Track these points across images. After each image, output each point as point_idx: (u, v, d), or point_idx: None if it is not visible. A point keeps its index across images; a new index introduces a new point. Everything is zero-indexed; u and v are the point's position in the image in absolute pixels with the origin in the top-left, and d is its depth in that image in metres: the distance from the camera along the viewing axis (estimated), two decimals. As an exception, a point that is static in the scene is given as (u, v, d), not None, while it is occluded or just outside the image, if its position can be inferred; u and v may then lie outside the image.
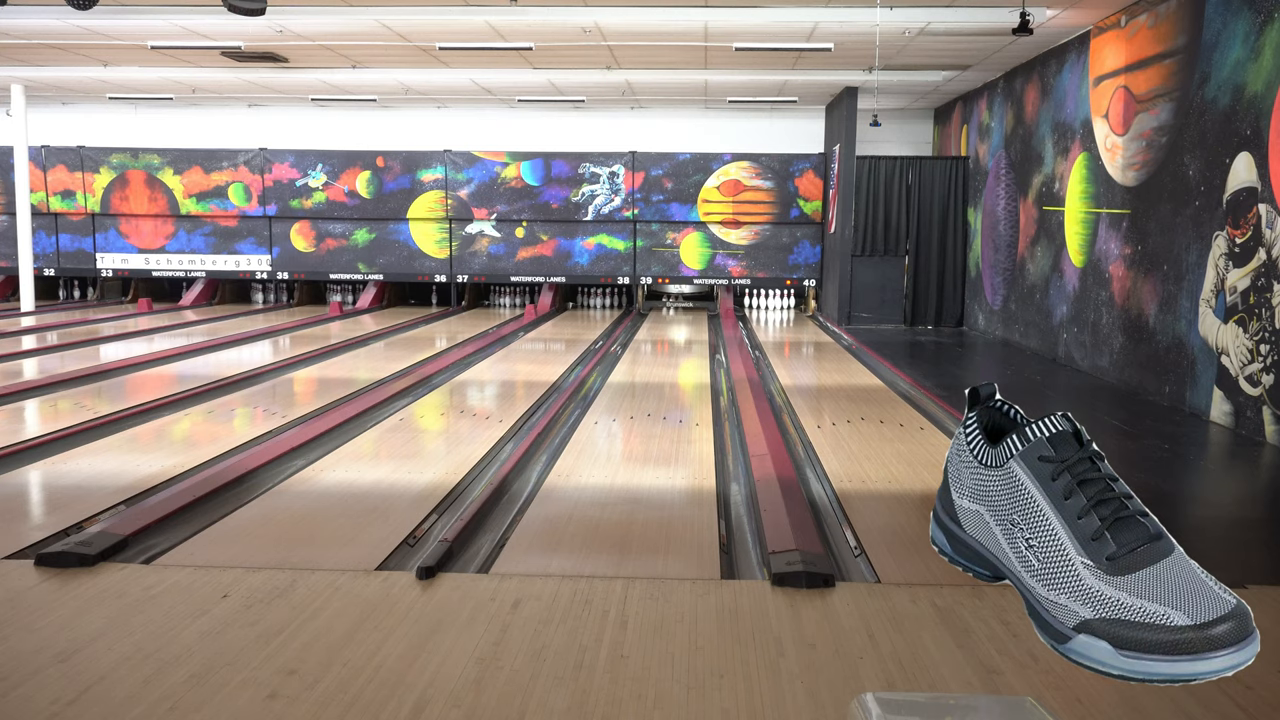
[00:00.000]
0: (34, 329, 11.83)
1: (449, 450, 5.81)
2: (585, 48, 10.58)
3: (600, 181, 14.92)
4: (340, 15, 9.20)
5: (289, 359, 9.59)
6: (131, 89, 13.85)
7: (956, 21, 9.01)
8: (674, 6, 8.84)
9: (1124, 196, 8.40)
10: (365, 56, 11.38)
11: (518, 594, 3.45)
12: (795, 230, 14.93)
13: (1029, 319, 10.77)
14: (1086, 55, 9.27)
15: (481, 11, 8.98)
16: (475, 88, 13.28)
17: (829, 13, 8.90)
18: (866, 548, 4.01)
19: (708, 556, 3.93)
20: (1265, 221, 6.24)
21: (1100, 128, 8.93)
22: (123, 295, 16.05)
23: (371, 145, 15.14)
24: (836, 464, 5.44)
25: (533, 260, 15.14)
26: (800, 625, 3.21)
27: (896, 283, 13.43)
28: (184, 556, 3.81)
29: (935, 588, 3.49)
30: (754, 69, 11.86)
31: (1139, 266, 8.08)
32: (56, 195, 15.35)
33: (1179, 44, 7.48)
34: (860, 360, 9.90)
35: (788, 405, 7.32)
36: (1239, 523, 4.86)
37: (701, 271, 15.11)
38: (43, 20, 9.53)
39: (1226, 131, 6.71)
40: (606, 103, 14.65)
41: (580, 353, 10.27)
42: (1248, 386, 6.43)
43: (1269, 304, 6.19)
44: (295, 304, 15.47)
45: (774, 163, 14.76)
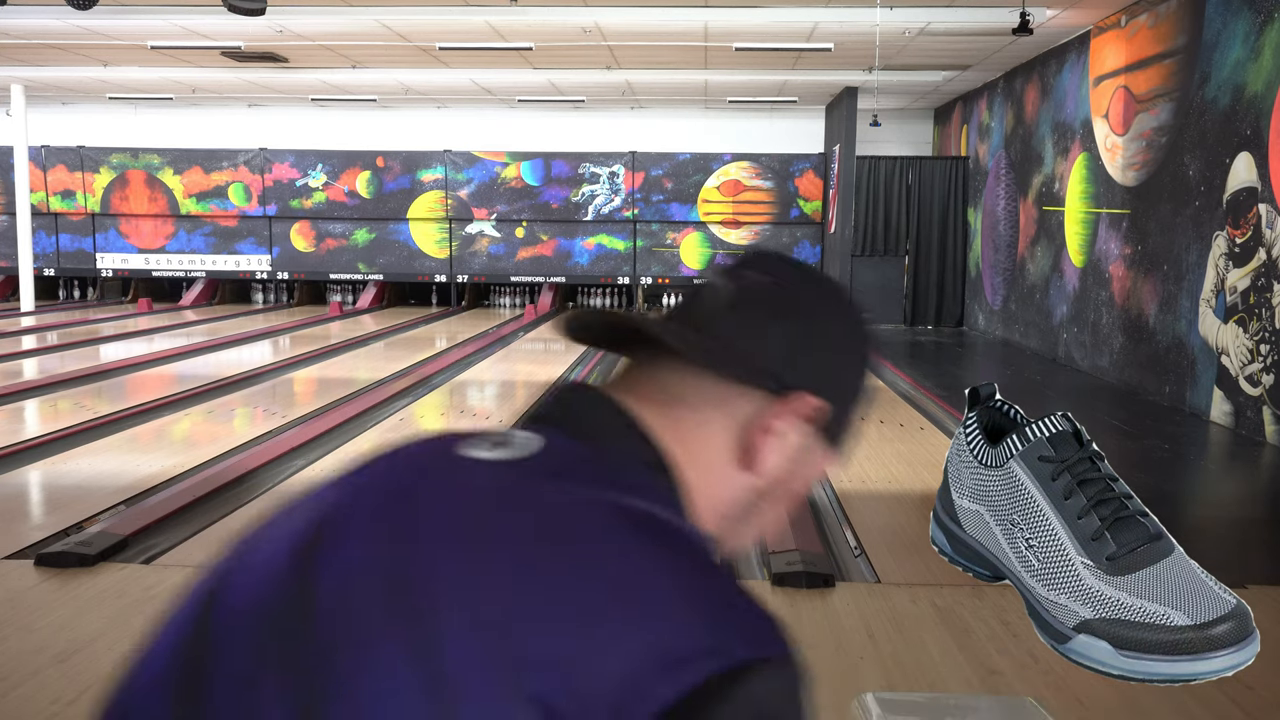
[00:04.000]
0: (34, 329, 11.83)
1: (449, 450, 5.80)
2: (585, 48, 10.58)
3: (600, 181, 14.92)
4: (340, 15, 9.20)
5: (289, 359, 9.59)
6: (131, 89, 13.84)
7: (956, 21, 9.01)
8: (674, 6, 8.84)
9: (1124, 196, 8.40)
10: (365, 56, 11.38)
11: (518, 594, 3.44)
12: (795, 230, 14.93)
13: (1029, 319, 10.77)
14: (1086, 55, 9.27)
15: (481, 11, 8.98)
16: (475, 88, 13.28)
17: (829, 13, 8.90)
18: (866, 548, 4.01)
19: (708, 556, 3.93)
20: (1265, 221, 6.24)
21: (1100, 128, 8.93)
22: (123, 295, 16.05)
23: (371, 145, 15.14)
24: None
25: (533, 260, 15.14)
26: (800, 625, 3.21)
27: (896, 283, 13.43)
28: (184, 556, 3.81)
29: (935, 588, 3.49)
30: (754, 69, 11.86)
31: (1139, 266, 8.08)
32: (56, 195, 15.35)
33: (1179, 44, 7.48)
34: (860, 360, 9.89)
35: (788, 405, 7.31)
36: (1239, 523, 4.86)
37: (701, 271, 15.10)
38: (43, 20, 9.53)
39: (1226, 131, 6.71)
40: (606, 103, 14.65)
41: (580, 353, 10.27)
42: (1248, 386, 6.43)
43: (1269, 304, 6.19)
44: (295, 304, 15.47)
45: (774, 163, 14.76)
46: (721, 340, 0.76)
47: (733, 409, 0.76)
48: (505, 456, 0.72)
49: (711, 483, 0.76)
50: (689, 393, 0.76)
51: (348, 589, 0.63)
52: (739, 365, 0.76)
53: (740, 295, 0.78)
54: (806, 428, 0.78)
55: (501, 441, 0.74)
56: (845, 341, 0.81)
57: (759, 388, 0.77)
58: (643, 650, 0.61)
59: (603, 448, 0.73)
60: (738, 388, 0.76)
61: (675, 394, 0.76)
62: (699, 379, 0.76)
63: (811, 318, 0.79)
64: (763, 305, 0.78)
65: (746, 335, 0.77)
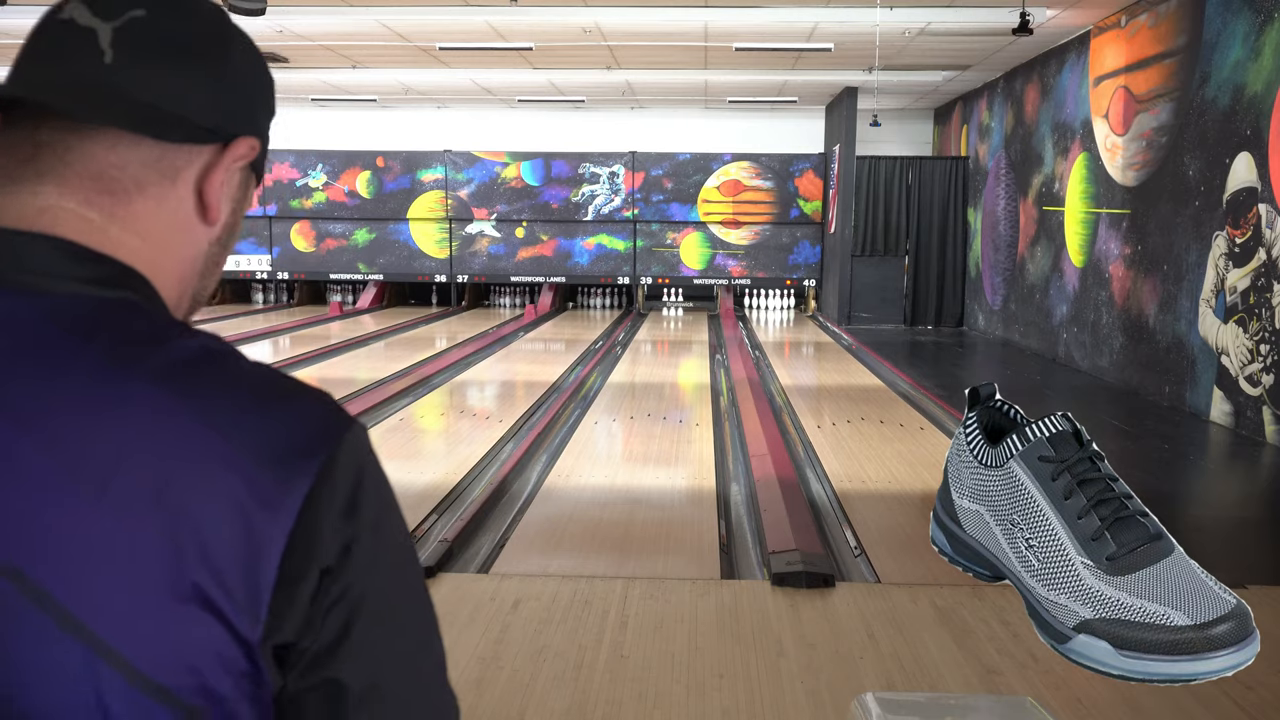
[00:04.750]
0: (34, 329, 11.82)
1: (449, 450, 5.81)
2: (585, 48, 10.58)
3: (600, 181, 14.92)
4: (340, 15, 9.20)
5: (289, 359, 9.59)
6: (131, 89, 13.84)
7: (956, 22, 9.01)
8: (674, 6, 8.84)
9: (1124, 196, 8.40)
10: (365, 56, 11.39)
11: (518, 594, 3.45)
12: (795, 230, 14.93)
13: (1029, 319, 10.77)
14: (1086, 55, 9.27)
15: (481, 11, 8.98)
16: (475, 88, 13.28)
17: (829, 13, 8.90)
18: (866, 548, 4.01)
19: (708, 556, 3.93)
20: (1265, 221, 6.24)
21: (1100, 128, 8.93)
22: (123, 295, 16.04)
23: (371, 145, 15.14)
24: (836, 464, 5.44)
25: (533, 260, 15.14)
26: (800, 625, 3.21)
27: (896, 283, 13.43)
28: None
29: (935, 588, 3.49)
30: (754, 69, 11.86)
31: (1139, 266, 8.08)
32: (56, 195, 15.34)
33: (1179, 44, 7.48)
34: (860, 360, 9.91)
35: (788, 405, 7.32)
36: (1239, 523, 4.86)
37: (701, 271, 15.11)
38: (43, 20, 9.53)
39: (1226, 131, 6.71)
40: (606, 103, 14.65)
41: (580, 353, 10.27)
42: (1248, 386, 6.43)
43: (1269, 304, 6.19)
44: (295, 304, 15.47)
45: (774, 163, 14.76)
46: (141, 100, 0.70)
47: (181, 173, 0.73)
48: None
49: (174, 256, 0.74)
50: (127, 169, 0.71)
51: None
52: (180, 128, 0.72)
53: (120, 37, 0.70)
54: (245, 166, 0.78)
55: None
56: (249, 67, 0.78)
57: (204, 144, 0.74)
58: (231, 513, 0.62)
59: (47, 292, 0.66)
60: (181, 148, 0.73)
61: (109, 177, 0.70)
62: (135, 149, 0.71)
63: (216, 49, 0.75)
64: (159, 45, 0.71)
65: (160, 85, 0.71)
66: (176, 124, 0.72)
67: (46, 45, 0.71)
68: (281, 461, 0.64)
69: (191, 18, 0.74)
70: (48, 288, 0.67)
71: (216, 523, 0.61)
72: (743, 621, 3.25)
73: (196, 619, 0.60)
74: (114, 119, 0.70)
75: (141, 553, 0.60)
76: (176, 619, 0.60)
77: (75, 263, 0.68)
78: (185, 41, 0.73)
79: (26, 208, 0.69)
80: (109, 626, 0.59)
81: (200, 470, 0.62)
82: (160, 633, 0.60)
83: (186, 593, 0.60)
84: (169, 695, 0.60)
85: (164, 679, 0.60)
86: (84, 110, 0.69)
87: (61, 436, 0.61)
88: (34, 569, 0.59)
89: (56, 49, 0.71)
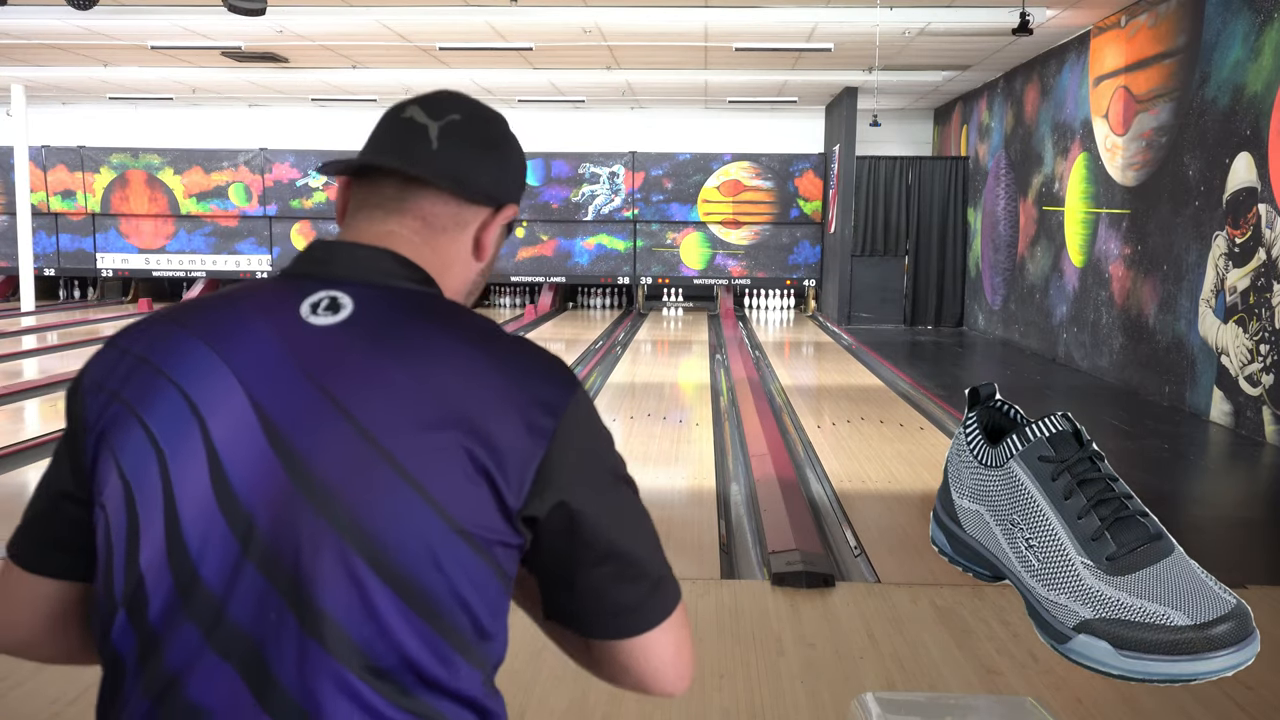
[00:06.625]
0: (34, 329, 11.83)
1: (449, 450, 5.80)
2: (585, 48, 10.58)
3: (600, 181, 14.92)
4: (340, 15, 9.20)
5: (289, 359, 9.57)
6: (131, 89, 13.84)
7: (956, 22, 9.01)
8: (674, 6, 8.84)
9: (1124, 196, 8.40)
10: (365, 56, 11.38)
11: (518, 594, 3.45)
12: (795, 230, 14.93)
13: (1029, 319, 10.77)
14: (1086, 55, 9.27)
15: (481, 11, 8.98)
16: (475, 88, 13.28)
17: (829, 13, 8.90)
18: (866, 548, 4.01)
19: (708, 556, 3.93)
20: (1265, 221, 6.24)
21: (1100, 128, 8.93)
22: (123, 295, 16.05)
23: (371, 145, 15.11)
24: (836, 464, 5.44)
25: (533, 260, 15.14)
26: (800, 625, 3.21)
27: (896, 283, 13.43)
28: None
29: (935, 588, 3.49)
30: (754, 69, 11.86)
31: (1139, 266, 8.08)
32: (57, 195, 15.35)
33: (1179, 44, 7.48)
34: (860, 360, 9.91)
35: (788, 405, 7.32)
36: (1239, 523, 4.86)
37: (701, 271, 15.11)
38: (43, 20, 9.53)
39: (1226, 131, 6.71)
40: (606, 103, 14.65)
41: (580, 353, 10.27)
42: (1247, 386, 6.43)
43: (1269, 304, 6.19)
44: (295, 304, 15.44)
45: (774, 163, 14.76)
46: (453, 173, 1.05)
47: (469, 224, 1.08)
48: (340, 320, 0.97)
49: (456, 277, 1.09)
50: (440, 217, 1.06)
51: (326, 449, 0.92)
52: (477, 192, 1.07)
53: (444, 132, 1.06)
54: (505, 224, 1.12)
55: (330, 305, 0.98)
56: (518, 159, 1.13)
57: (486, 206, 1.09)
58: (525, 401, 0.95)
59: (392, 285, 1.02)
60: (472, 208, 1.08)
61: (429, 220, 1.06)
62: (445, 204, 1.06)
63: (501, 146, 1.10)
64: (467, 140, 1.07)
65: (468, 166, 1.06)
66: (475, 191, 1.07)
67: (394, 132, 1.08)
68: (544, 403, 0.96)
69: (489, 123, 1.10)
70: (391, 283, 1.01)
71: (502, 434, 0.93)
72: (743, 621, 3.25)
73: (483, 491, 0.92)
74: (437, 183, 1.05)
75: (454, 446, 0.92)
76: (474, 487, 0.92)
77: (405, 268, 1.03)
78: (484, 138, 1.09)
79: (378, 232, 1.05)
80: (435, 489, 0.91)
81: (495, 401, 0.94)
82: (464, 496, 0.91)
83: (479, 475, 0.92)
84: (468, 536, 0.92)
85: (466, 526, 0.92)
86: (420, 175, 1.05)
87: (415, 371, 0.94)
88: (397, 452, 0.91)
89: (401, 136, 1.07)
